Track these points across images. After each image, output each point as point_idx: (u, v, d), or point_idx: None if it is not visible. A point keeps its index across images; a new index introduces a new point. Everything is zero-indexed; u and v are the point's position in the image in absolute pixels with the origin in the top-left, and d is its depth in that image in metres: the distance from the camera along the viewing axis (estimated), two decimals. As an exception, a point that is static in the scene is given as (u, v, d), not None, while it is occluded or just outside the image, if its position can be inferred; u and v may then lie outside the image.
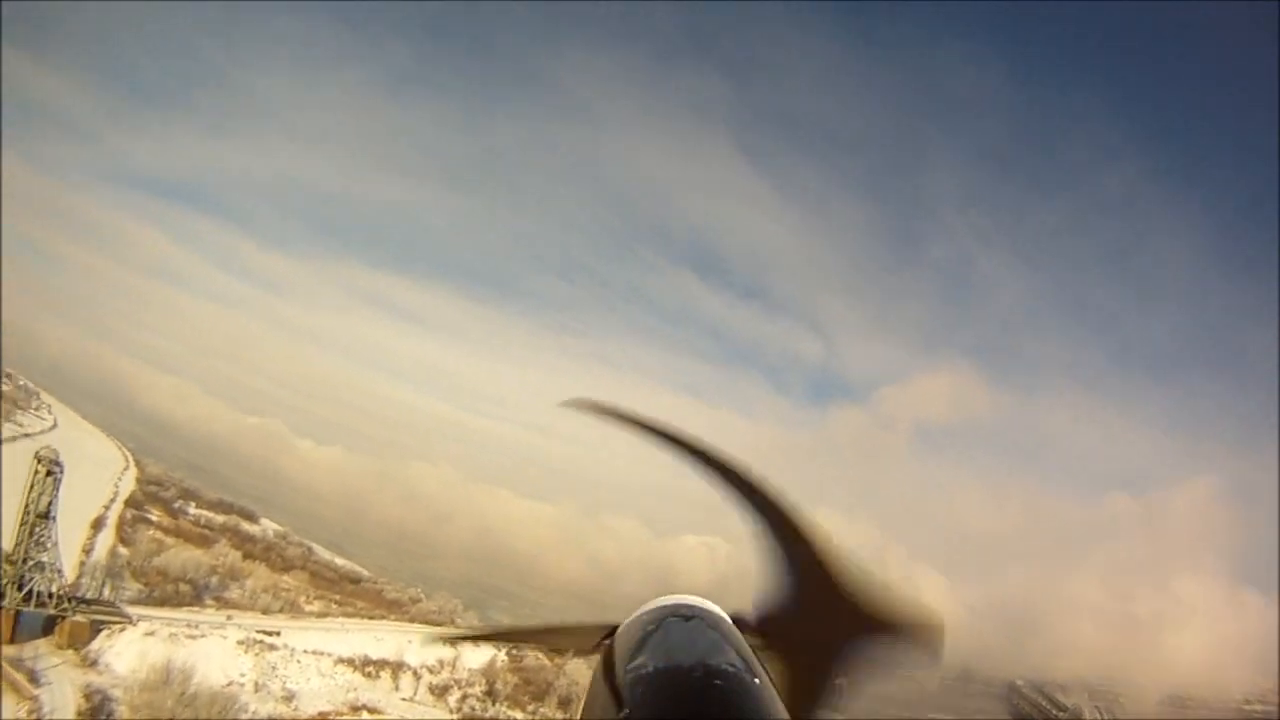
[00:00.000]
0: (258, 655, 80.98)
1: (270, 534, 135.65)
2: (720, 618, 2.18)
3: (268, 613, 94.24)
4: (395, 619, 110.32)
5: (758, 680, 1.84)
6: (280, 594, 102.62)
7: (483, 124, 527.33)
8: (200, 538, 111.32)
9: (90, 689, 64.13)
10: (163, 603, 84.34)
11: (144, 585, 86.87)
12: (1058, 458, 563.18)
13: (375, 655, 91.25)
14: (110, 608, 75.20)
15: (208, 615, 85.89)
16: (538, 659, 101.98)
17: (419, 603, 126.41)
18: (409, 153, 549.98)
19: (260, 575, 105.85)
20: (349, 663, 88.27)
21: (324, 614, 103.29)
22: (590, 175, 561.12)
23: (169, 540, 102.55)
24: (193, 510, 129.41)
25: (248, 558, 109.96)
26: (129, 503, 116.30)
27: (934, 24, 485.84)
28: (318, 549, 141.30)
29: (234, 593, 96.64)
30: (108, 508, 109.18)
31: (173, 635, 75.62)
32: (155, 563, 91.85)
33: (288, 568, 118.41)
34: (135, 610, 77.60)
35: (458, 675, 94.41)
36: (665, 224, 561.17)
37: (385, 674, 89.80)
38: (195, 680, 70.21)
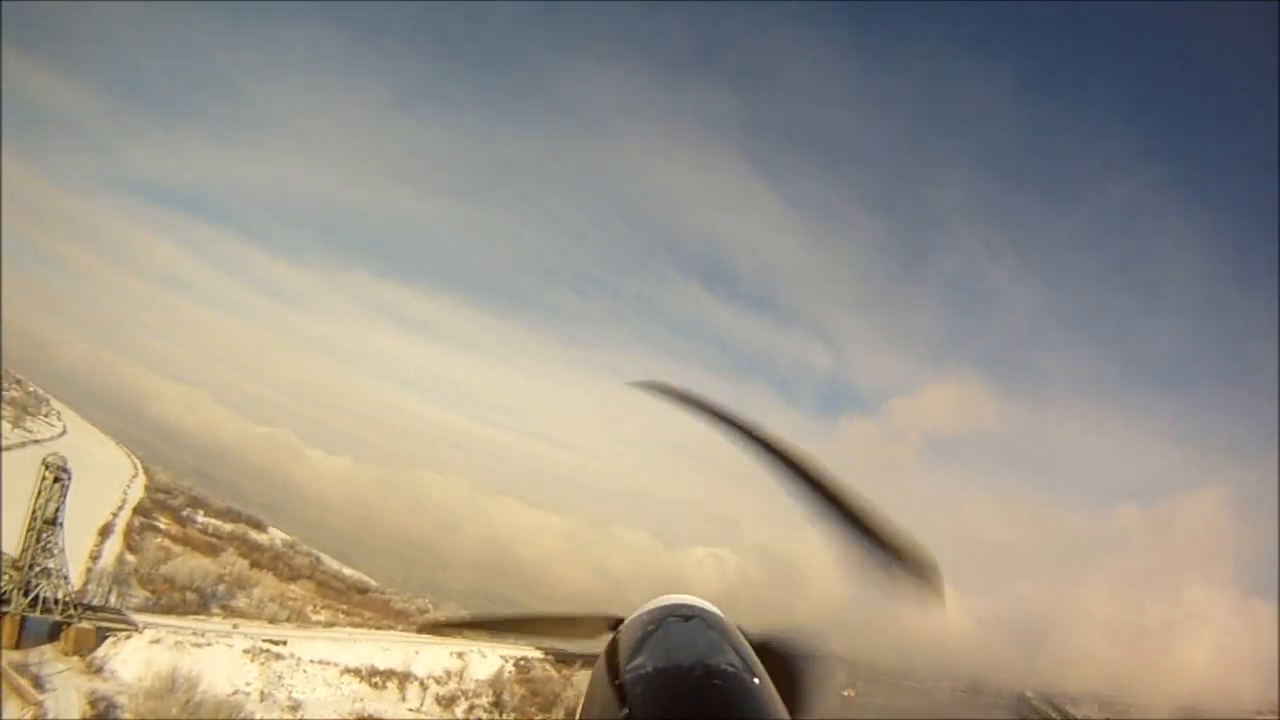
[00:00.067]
0: (264, 664, 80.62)
1: (278, 543, 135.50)
2: (720, 618, 2.19)
3: (274, 622, 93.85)
4: (403, 629, 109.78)
5: (758, 680, 1.87)
6: (287, 603, 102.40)
7: (492, 135, 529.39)
8: (208, 546, 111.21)
9: (95, 696, 63.89)
10: (169, 610, 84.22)
11: (151, 593, 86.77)
12: (1067, 468, 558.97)
13: (382, 665, 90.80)
14: (116, 615, 74.99)
15: (214, 624, 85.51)
16: (545, 670, 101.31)
17: (426, 613, 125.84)
18: (418, 163, 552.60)
19: (267, 584, 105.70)
20: (355, 673, 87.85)
21: (331, 623, 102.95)
22: (600, 187, 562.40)
23: (176, 548, 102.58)
24: (201, 518, 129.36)
25: (255, 566, 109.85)
26: (137, 510, 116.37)
27: (942, 36, 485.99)
28: (325, 558, 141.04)
29: (241, 601, 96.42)
30: (116, 515, 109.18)
31: (179, 643, 75.35)
32: (162, 570, 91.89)
33: (295, 577, 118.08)
34: (141, 618, 77.35)
35: (465, 686, 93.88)
36: (675, 236, 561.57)
37: (392, 684, 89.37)
38: (200, 689, 70.02)
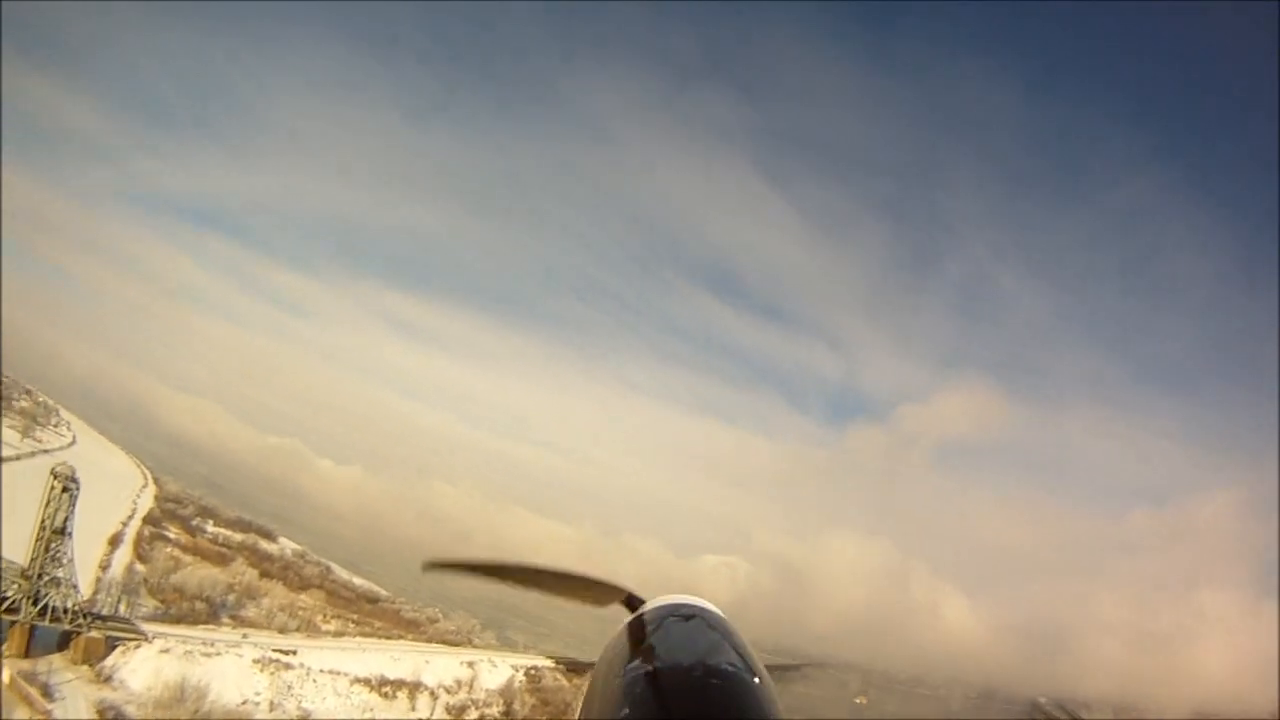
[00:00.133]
0: (273, 674, 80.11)
1: (288, 553, 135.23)
2: (721, 617, 2.20)
3: (284, 631, 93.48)
4: (413, 639, 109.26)
5: (758, 680, 1.87)
6: (297, 613, 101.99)
7: (501, 145, 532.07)
8: (218, 556, 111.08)
9: (104, 705, 63.55)
10: (179, 620, 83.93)
11: (160, 602, 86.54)
12: (1078, 473, 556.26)
13: (392, 675, 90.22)
14: (126, 624, 74.71)
15: (224, 633, 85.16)
16: (555, 679, 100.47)
17: (437, 622, 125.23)
18: (427, 173, 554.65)
19: (277, 594, 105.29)
20: (365, 682, 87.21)
21: (341, 633, 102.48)
22: (608, 196, 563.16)
23: (186, 558, 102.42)
24: (211, 528, 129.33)
25: (265, 576, 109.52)
26: (147, 520, 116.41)
27: (949, 41, 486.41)
28: (336, 568, 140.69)
29: (250, 611, 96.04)
30: (125, 524, 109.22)
31: (188, 653, 74.93)
32: (172, 580, 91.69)
33: (305, 586, 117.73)
34: (151, 627, 77.07)
35: (475, 695, 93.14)
36: (683, 244, 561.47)
37: (402, 694, 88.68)
38: (210, 698, 69.72)
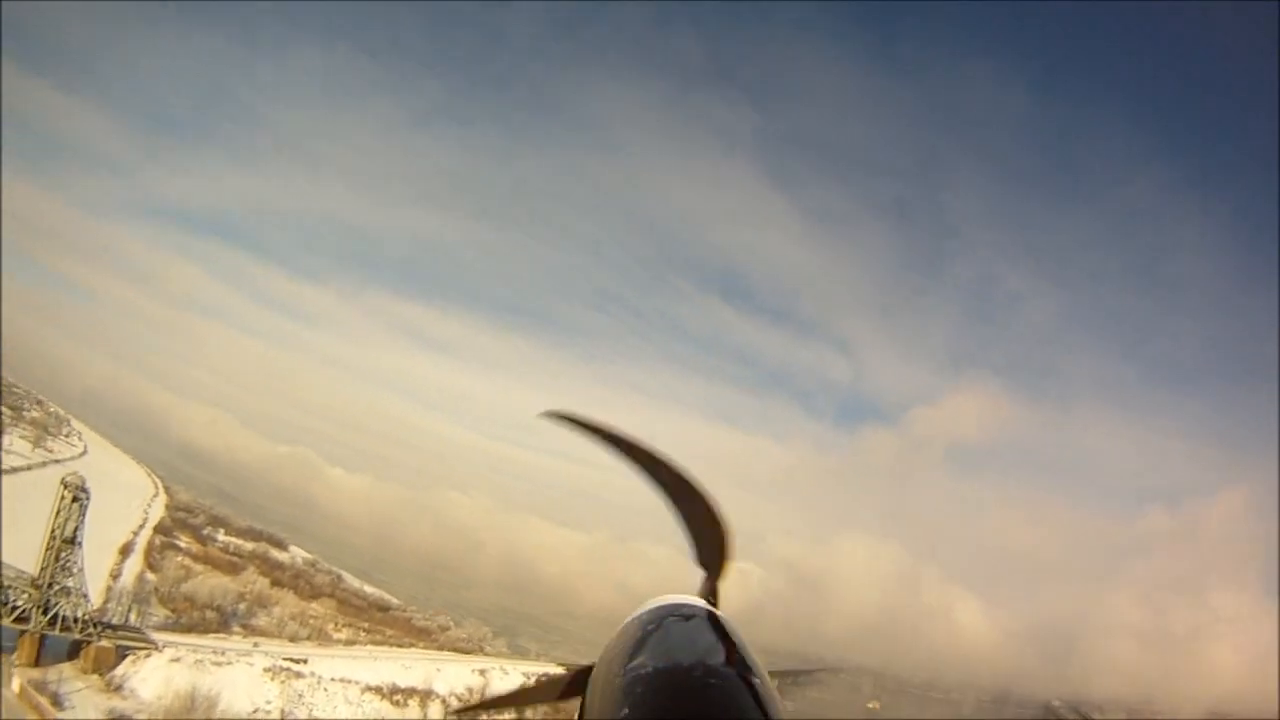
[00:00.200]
0: (284, 683, 79.69)
1: (299, 561, 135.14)
2: (721, 617, 2.18)
3: (295, 640, 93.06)
4: (424, 647, 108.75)
5: (758, 680, 1.86)
6: (308, 621, 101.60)
7: (509, 155, 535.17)
8: (229, 565, 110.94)
9: (114, 714, 63.30)
10: (190, 629, 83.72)
11: (171, 611, 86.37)
12: (1090, 473, 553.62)
13: (403, 683, 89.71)
14: (136, 633, 74.49)
15: (235, 642, 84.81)
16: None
17: (448, 630, 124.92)
18: (436, 183, 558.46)
19: (288, 603, 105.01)
20: (377, 691, 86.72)
21: (352, 641, 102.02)
22: (617, 204, 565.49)
23: (197, 567, 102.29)
24: (221, 537, 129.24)
25: (276, 585, 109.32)
26: (158, 529, 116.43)
27: (953, 43, 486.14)
28: (347, 576, 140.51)
29: (262, 620, 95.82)
30: (136, 534, 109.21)
31: (199, 662, 74.64)
32: (183, 589, 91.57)
33: (316, 595, 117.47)
34: (161, 636, 76.82)
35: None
36: (692, 251, 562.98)
37: (413, 702, 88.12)
38: (220, 707, 69.32)
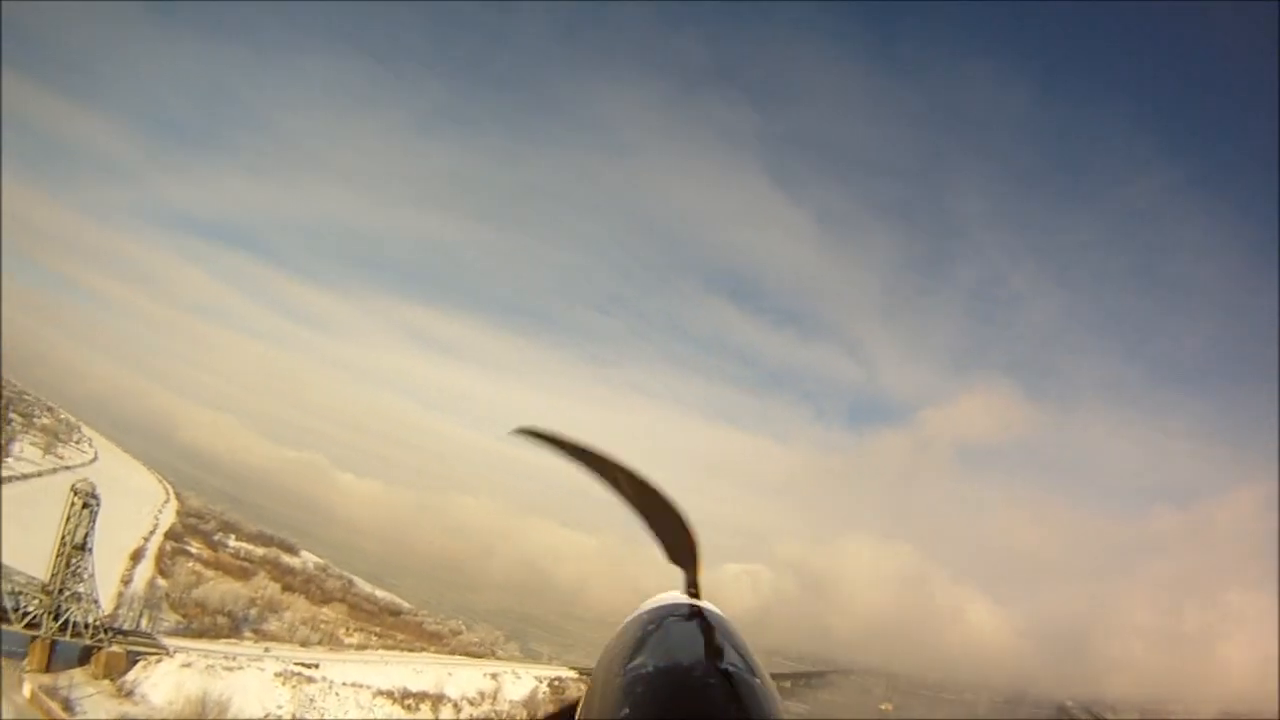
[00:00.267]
0: (295, 687, 79.48)
1: (310, 566, 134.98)
2: (721, 617, 2.17)
3: (306, 645, 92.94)
4: (436, 651, 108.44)
5: (758, 680, 1.84)
6: (319, 626, 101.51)
7: (514, 157, 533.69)
8: (239, 570, 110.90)
9: (125, 719, 62.88)
10: (201, 634, 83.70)
11: (182, 617, 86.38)
12: (1099, 473, 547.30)
13: (415, 688, 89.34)
14: (147, 639, 74.46)
15: (246, 647, 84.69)
16: (580, 690, 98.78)
17: (460, 634, 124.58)
18: (442, 187, 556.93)
19: (299, 607, 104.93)
20: (388, 695, 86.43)
21: (364, 646, 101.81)
22: (621, 205, 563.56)
23: (208, 572, 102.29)
24: (232, 543, 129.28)
25: (287, 590, 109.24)
26: (169, 535, 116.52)
27: (956, 43, 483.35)
28: (358, 581, 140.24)
29: (273, 625, 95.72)
30: (147, 539, 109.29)
31: (210, 667, 74.53)
32: (194, 594, 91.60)
33: (327, 600, 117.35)
34: (172, 642, 76.80)
35: (499, 707, 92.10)
36: (698, 252, 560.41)
37: (425, 706, 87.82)
38: (232, 712, 69.22)
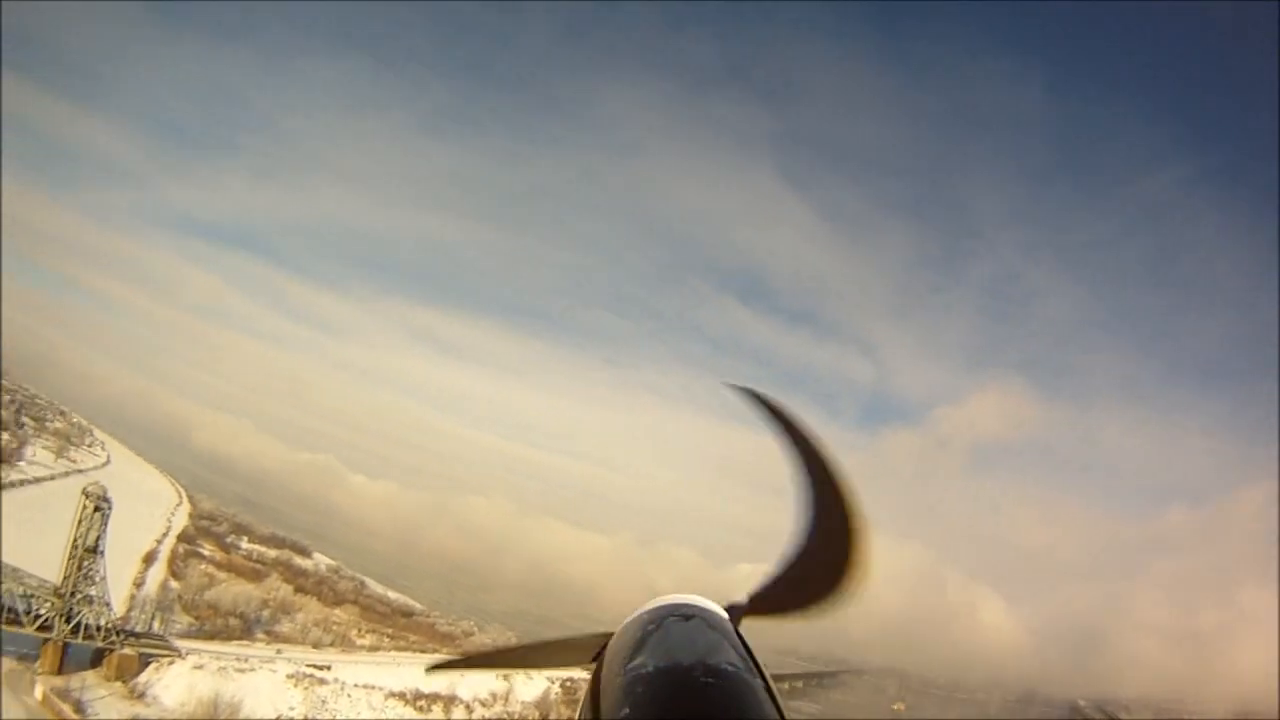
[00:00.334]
0: (307, 689, 79.40)
1: (323, 568, 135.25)
2: (721, 617, 2.17)
3: (319, 646, 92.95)
4: (448, 652, 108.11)
5: (758, 680, 1.85)
6: (332, 628, 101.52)
7: (524, 159, 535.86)
8: (252, 572, 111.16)
9: (136, 721, 62.91)
10: (213, 636, 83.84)
11: (195, 619, 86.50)
12: (1113, 471, 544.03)
13: (427, 688, 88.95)
14: (159, 641, 74.56)
15: (258, 649, 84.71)
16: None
17: (472, 635, 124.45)
18: (452, 190, 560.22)
19: (312, 609, 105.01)
20: (400, 696, 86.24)
21: (376, 647, 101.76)
22: (632, 207, 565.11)
23: (220, 574, 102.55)
24: (245, 545, 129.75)
25: (299, 592, 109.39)
26: (181, 537, 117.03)
27: (969, 42, 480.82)
28: (370, 583, 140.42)
29: (285, 626, 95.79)
30: (160, 542, 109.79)
31: (222, 669, 74.54)
32: (206, 596, 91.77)
33: (339, 601, 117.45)
34: (185, 644, 76.94)
35: (511, 708, 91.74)
36: (710, 253, 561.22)
37: (437, 707, 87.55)
38: (243, 714, 69.16)
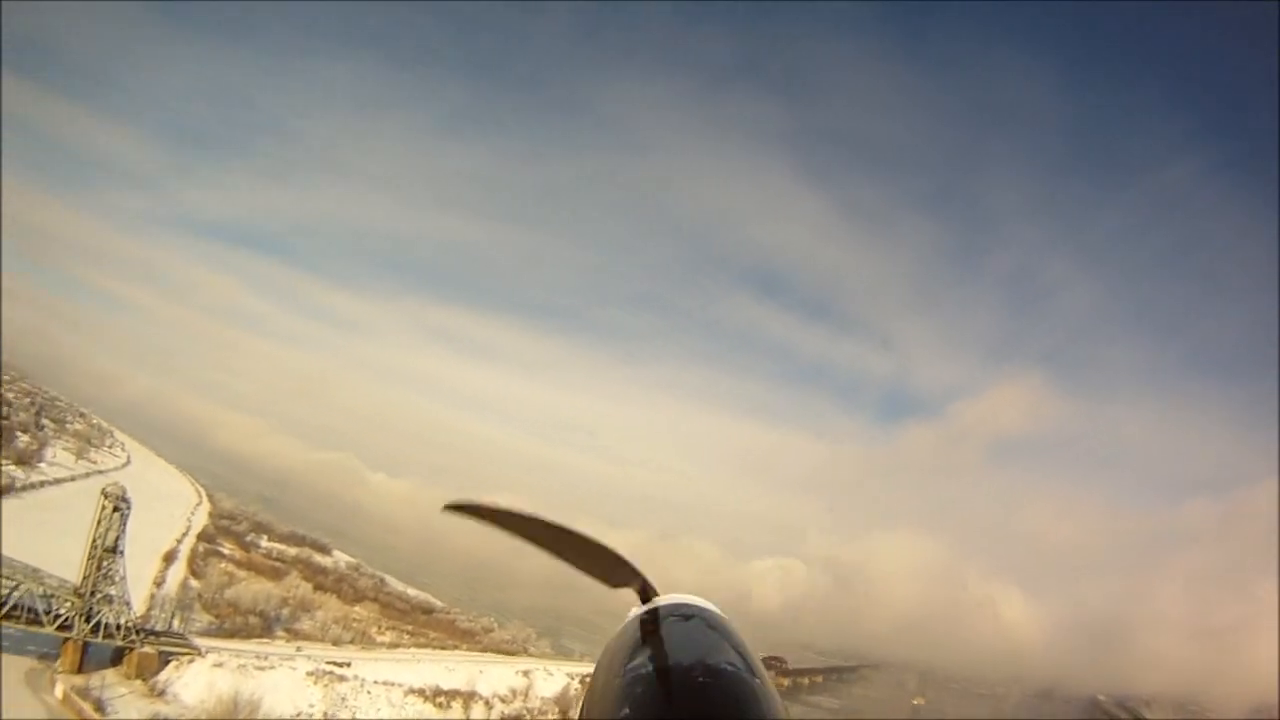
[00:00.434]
0: (327, 686, 79.40)
1: (342, 565, 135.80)
2: (721, 617, 2.16)
3: (339, 644, 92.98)
4: (468, 649, 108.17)
5: (758, 680, 1.84)
6: (351, 625, 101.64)
7: (540, 157, 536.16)
8: (272, 570, 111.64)
9: (157, 718, 63.23)
10: (233, 634, 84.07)
11: (215, 617, 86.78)
12: (1132, 465, 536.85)
13: (447, 685, 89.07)
14: (179, 639, 74.77)
15: (278, 647, 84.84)
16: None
17: (492, 632, 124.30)
18: (468, 188, 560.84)
19: (331, 607, 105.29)
20: (420, 693, 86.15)
21: (396, 644, 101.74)
22: (649, 203, 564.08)
23: (240, 573, 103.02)
24: (265, 543, 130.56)
25: (319, 589, 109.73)
26: (201, 536, 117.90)
27: (984, 34, 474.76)
28: (390, 580, 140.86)
29: (305, 624, 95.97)
30: (180, 541, 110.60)
31: (241, 666, 74.67)
32: (226, 595, 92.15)
33: (359, 599, 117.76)
34: (205, 642, 77.09)
35: (530, 704, 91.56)
36: (727, 248, 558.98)
37: (457, 704, 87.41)
38: (263, 712, 69.16)
